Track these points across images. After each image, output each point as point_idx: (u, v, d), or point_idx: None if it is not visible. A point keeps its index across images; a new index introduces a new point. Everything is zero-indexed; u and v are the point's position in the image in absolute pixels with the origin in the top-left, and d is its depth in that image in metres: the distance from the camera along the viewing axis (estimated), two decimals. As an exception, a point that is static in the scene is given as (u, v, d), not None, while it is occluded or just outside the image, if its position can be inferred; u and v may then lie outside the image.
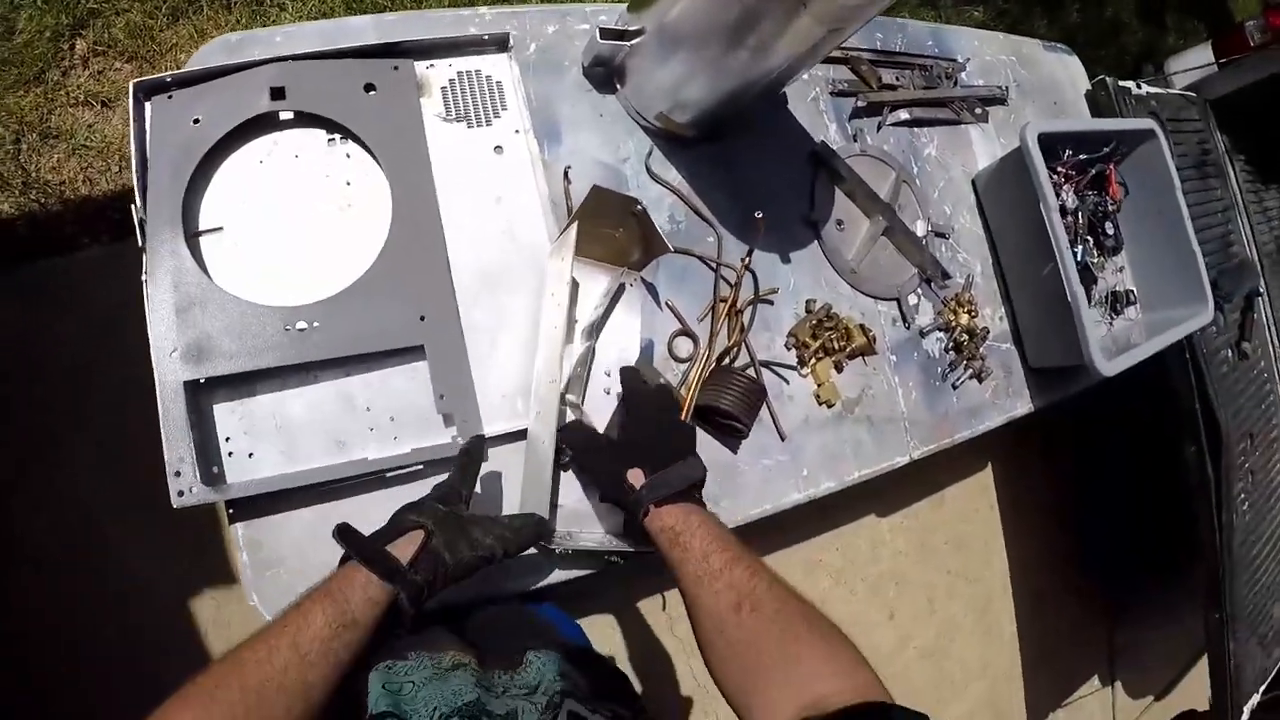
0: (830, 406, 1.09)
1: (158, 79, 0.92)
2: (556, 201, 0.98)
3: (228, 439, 0.86)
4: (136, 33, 1.87)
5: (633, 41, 0.99)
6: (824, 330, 1.10)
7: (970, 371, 1.22)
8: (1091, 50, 2.82)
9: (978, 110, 1.35)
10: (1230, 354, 1.67)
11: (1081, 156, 1.31)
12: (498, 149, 0.98)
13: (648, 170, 1.05)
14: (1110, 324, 1.40)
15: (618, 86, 1.06)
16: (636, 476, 0.76)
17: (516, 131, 0.99)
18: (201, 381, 0.84)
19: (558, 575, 0.92)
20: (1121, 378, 1.18)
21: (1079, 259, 1.30)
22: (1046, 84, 1.52)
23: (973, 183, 1.32)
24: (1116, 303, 1.41)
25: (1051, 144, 1.24)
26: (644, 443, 0.81)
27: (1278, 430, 1.79)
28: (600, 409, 0.93)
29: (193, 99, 0.92)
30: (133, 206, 0.87)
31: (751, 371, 1.04)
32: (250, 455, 0.86)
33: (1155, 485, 2.01)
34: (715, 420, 0.99)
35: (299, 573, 0.86)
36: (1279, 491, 1.77)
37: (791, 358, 1.09)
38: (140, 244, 0.86)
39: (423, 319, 0.90)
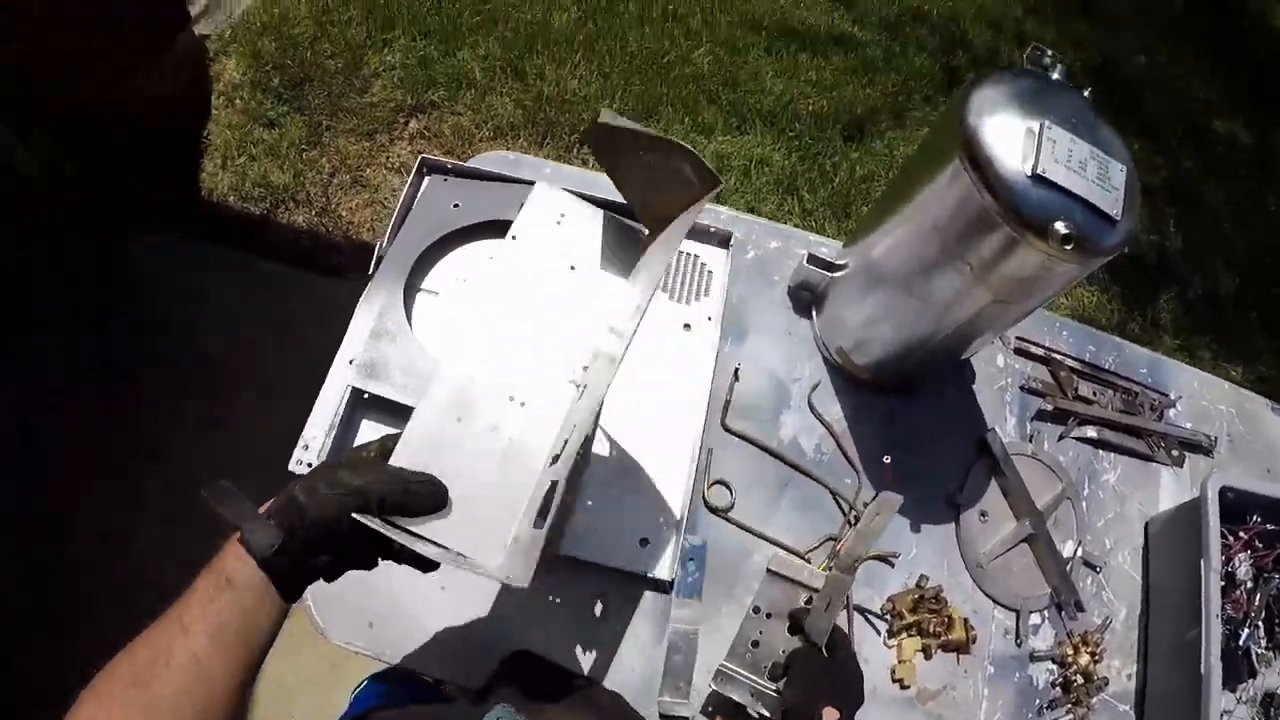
0: (904, 688, 1.05)
1: (441, 162, 1.12)
2: (717, 393, 1.06)
3: None
4: (460, 134, 2.24)
5: (836, 274, 1.08)
6: (925, 609, 1.08)
7: (1072, 718, 1.13)
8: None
9: (1175, 452, 1.30)
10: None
11: (1270, 526, 1.21)
12: (686, 326, 1.08)
13: (809, 402, 1.11)
14: (1256, 728, 1.25)
15: (813, 314, 1.14)
16: (830, 715, 0.79)
17: (709, 318, 1.09)
18: (366, 395, 0.99)
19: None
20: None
21: (1241, 642, 1.19)
22: (1266, 447, 1.41)
23: (1146, 525, 1.25)
24: (1271, 707, 1.25)
25: (1241, 504, 1.16)
26: (843, 690, 0.84)
27: None
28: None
29: (460, 187, 1.12)
30: (379, 243, 1.06)
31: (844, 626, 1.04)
32: None
33: None
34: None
35: (350, 589, 0.93)
36: None
37: (882, 624, 1.07)
38: (370, 271, 1.04)
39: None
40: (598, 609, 0.98)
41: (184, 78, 2.14)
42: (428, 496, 0.71)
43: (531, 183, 1.09)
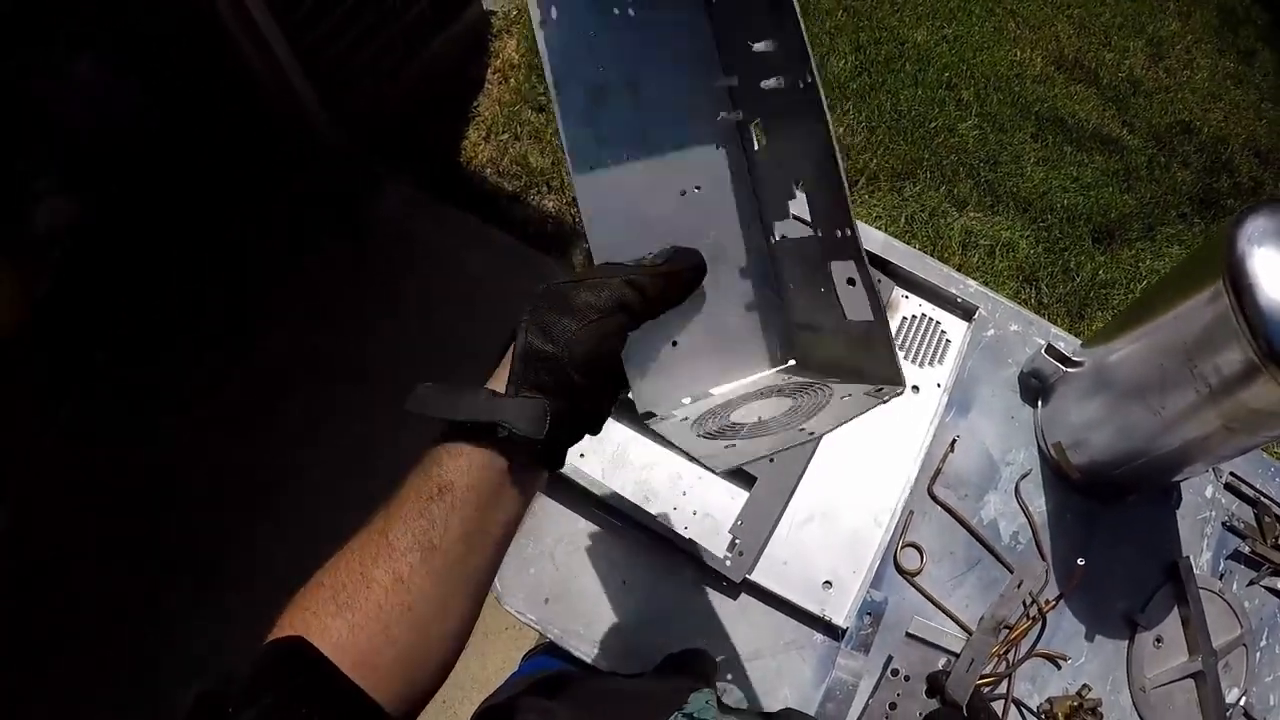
0: (1042, 789, 1.16)
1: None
2: (930, 459, 1.17)
3: None
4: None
5: (1070, 369, 1.21)
6: (1079, 719, 1.19)
7: None
8: None
9: (1361, 626, 1.37)
10: None
11: None
12: (915, 388, 1.19)
13: (1016, 489, 1.21)
14: None
15: (1038, 404, 1.23)
16: None
17: (937, 385, 1.19)
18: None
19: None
20: None
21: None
22: None
23: None
24: None
25: None
26: None
27: None
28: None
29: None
30: None
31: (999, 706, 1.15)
32: (581, 455, 1.12)
33: None
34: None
35: (540, 556, 1.11)
36: None
37: None
38: None
39: (771, 461, 1.11)
40: (766, 639, 1.10)
41: (465, 49, 2.38)
42: (691, 270, 0.65)
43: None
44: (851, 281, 0.62)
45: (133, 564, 2.00)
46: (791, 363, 0.73)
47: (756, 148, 0.69)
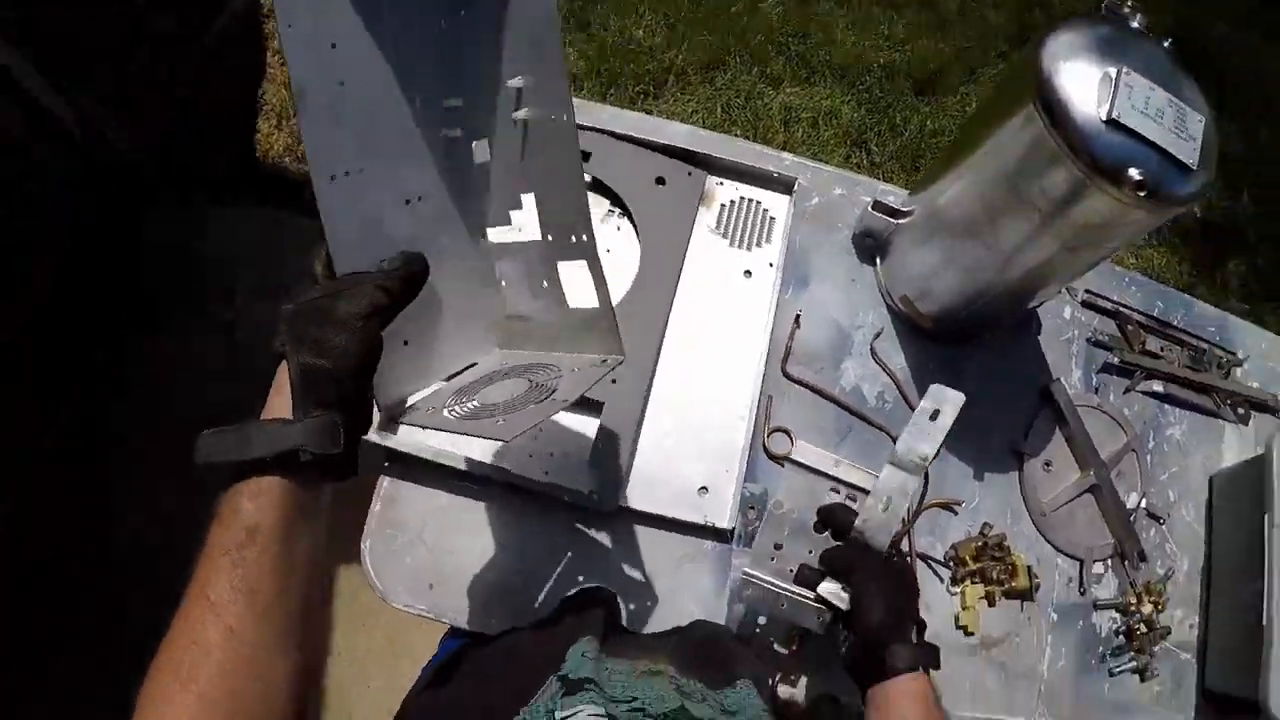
0: (967, 635, 1.13)
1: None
2: (777, 340, 1.14)
3: None
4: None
5: (902, 220, 1.18)
6: (988, 557, 1.18)
7: (1135, 665, 1.20)
8: None
9: (1241, 410, 1.36)
10: None
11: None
12: (747, 273, 1.16)
13: (872, 350, 1.19)
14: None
15: (877, 262, 1.21)
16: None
17: (770, 264, 1.16)
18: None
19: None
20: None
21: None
22: (1334, 410, 1.52)
23: (1210, 480, 1.33)
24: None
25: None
26: (915, 598, 0.86)
27: None
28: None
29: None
30: None
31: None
32: (424, 428, 1.09)
33: None
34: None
35: (410, 544, 1.05)
36: None
37: (945, 572, 1.16)
38: None
39: (614, 382, 1.06)
40: (658, 560, 1.07)
41: (237, 39, 2.22)
42: (421, 270, 0.70)
43: (590, 128, 1.20)
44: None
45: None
46: (497, 349, 0.87)
47: (477, 162, 0.78)
